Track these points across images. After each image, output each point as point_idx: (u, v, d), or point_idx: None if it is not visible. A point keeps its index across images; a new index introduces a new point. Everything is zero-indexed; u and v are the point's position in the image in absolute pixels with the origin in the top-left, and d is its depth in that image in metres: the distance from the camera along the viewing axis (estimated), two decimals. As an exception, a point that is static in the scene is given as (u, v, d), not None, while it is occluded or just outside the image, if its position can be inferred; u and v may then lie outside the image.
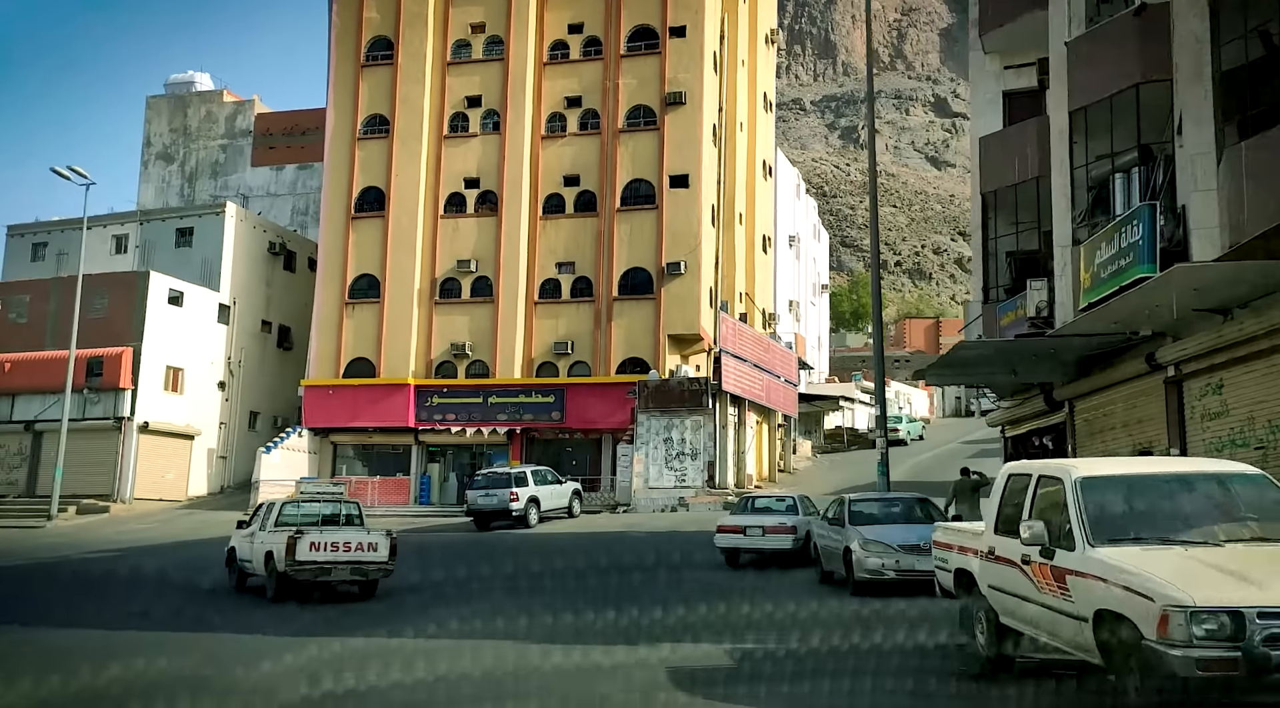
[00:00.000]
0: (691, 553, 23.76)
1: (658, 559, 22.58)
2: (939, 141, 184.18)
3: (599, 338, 41.34)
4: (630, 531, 29.77)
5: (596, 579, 18.74)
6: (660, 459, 35.35)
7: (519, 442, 41.31)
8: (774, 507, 23.29)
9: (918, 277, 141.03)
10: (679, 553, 23.93)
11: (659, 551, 24.50)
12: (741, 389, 36.17)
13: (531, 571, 19.89)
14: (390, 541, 16.55)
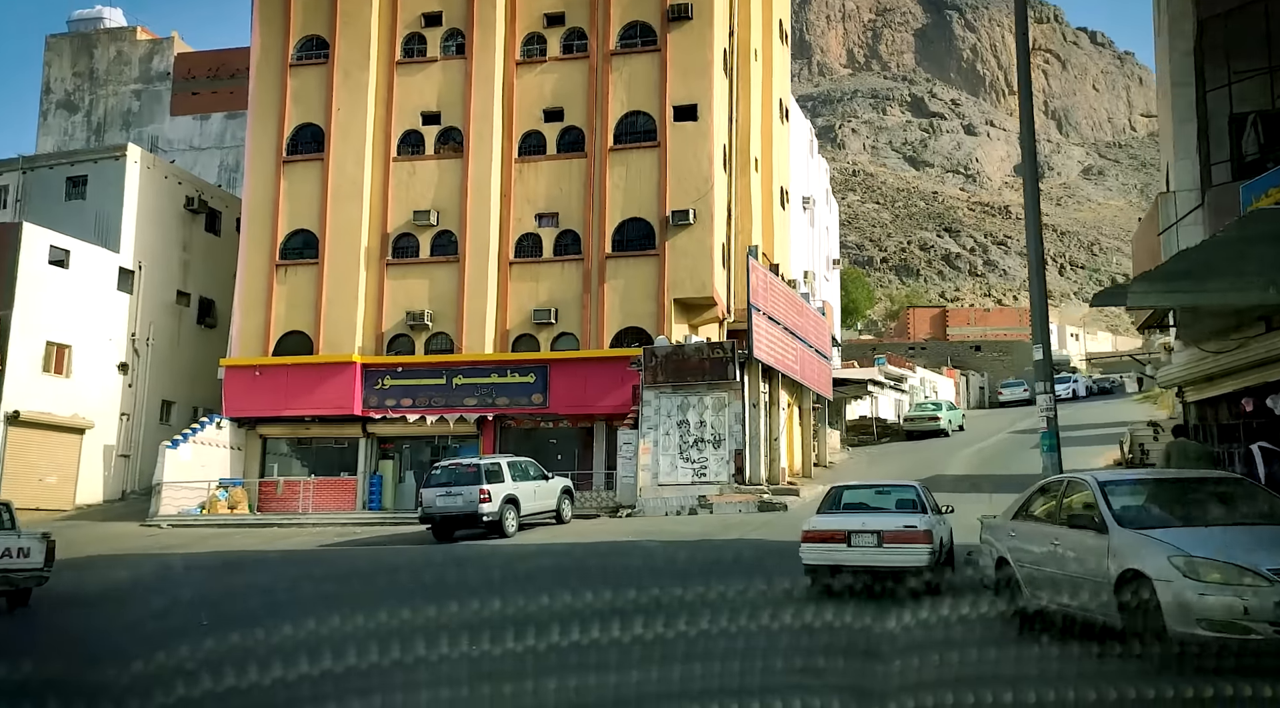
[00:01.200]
0: (747, 571, 15.67)
1: (703, 586, 14.34)
2: (916, 141, 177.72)
3: (589, 304, 32.92)
4: (642, 539, 21.44)
5: (621, 636, 10.31)
6: (673, 448, 26.95)
7: (491, 431, 32.74)
8: (881, 502, 15.15)
9: (905, 273, 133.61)
10: (729, 573, 15.80)
11: (695, 571, 16.27)
12: (774, 359, 27.88)
13: (510, 616, 11.39)
14: (46, 544, 14.82)
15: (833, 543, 13.52)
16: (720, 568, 16.48)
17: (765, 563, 16.89)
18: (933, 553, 13.05)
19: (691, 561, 17.75)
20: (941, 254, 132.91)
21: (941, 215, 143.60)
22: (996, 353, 59.98)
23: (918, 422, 40.23)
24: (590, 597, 13.36)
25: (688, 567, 16.76)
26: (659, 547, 20.20)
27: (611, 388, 31.22)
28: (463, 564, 18.96)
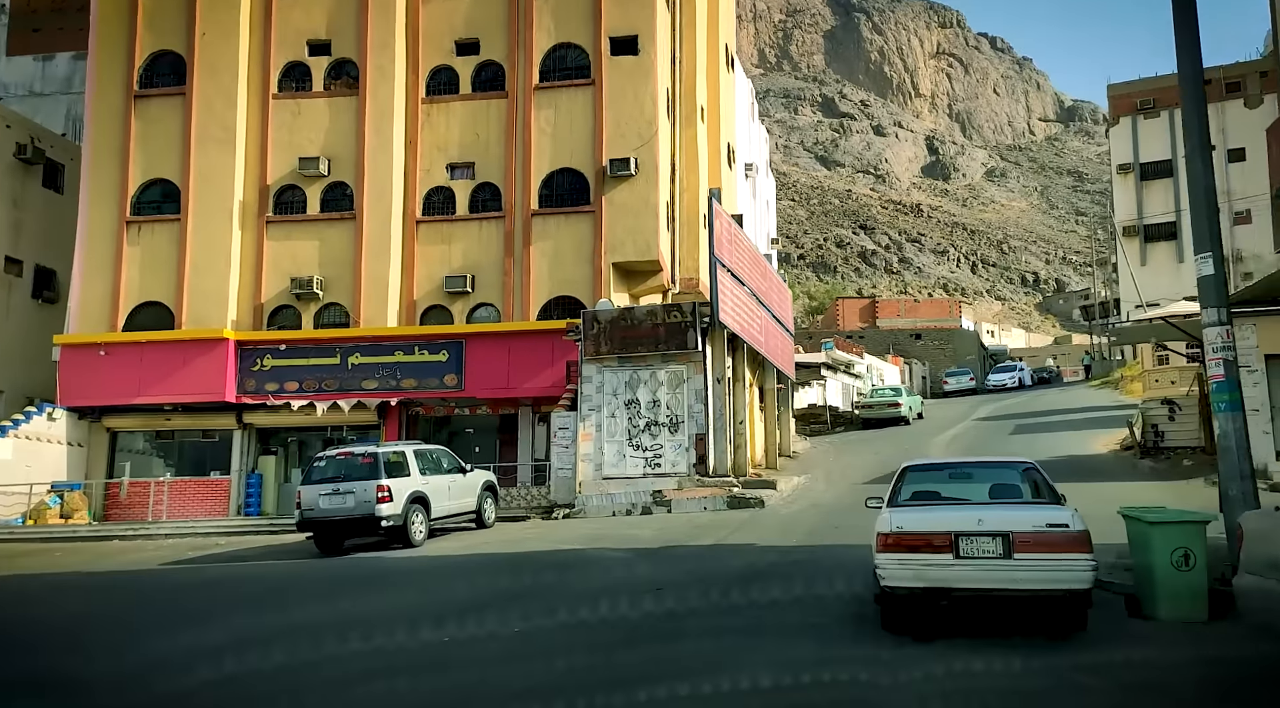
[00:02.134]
0: (766, 599, 10.70)
1: (712, 637, 9.23)
2: (828, 141, 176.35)
3: (512, 270, 27.41)
4: (592, 548, 16.14)
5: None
6: (620, 433, 21.64)
7: (396, 420, 26.92)
8: (973, 490, 10.21)
9: (822, 270, 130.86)
10: (740, 602, 10.75)
11: (689, 598, 11.11)
12: (740, 326, 22.77)
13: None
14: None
15: (931, 553, 8.44)
16: (720, 590, 11.25)
17: (783, 584, 11.71)
18: (1095, 569, 8.14)
19: (673, 580, 12.49)
20: (858, 251, 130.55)
21: (856, 213, 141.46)
22: (937, 341, 56.32)
23: (876, 408, 35.70)
24: (559, 663, 8.08)
25: (674, 592, 11.50)
26: (620, 559, 14.87)
27: (540, 366, 25.78)
28: (350, 590, 13.33)
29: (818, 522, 17.76)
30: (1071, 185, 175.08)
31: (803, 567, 13.13)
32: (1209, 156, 10.57)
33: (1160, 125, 50.17)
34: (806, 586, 11.42)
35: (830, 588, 11.31)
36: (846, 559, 13.76)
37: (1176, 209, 49.33)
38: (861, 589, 11.12)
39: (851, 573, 12.41)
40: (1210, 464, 22.64)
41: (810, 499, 20.86)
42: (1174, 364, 33.99)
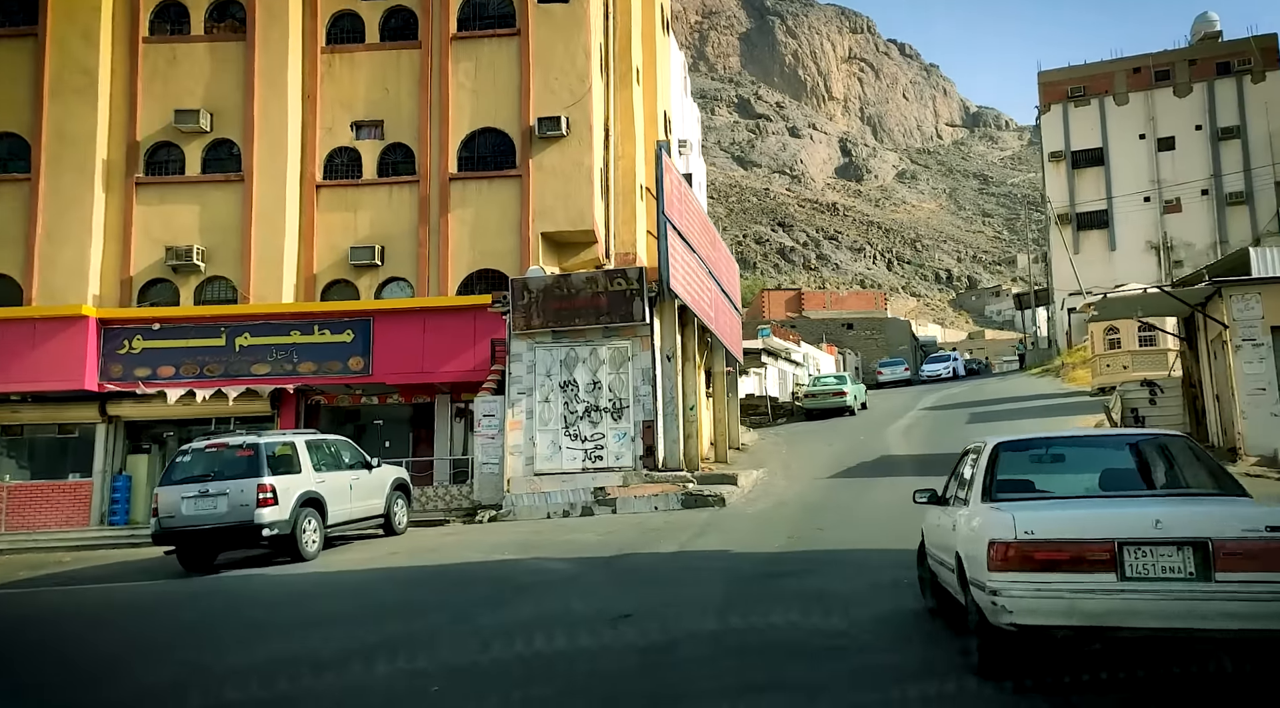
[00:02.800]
0: (775, 624, 7.50)
1: (729, 688, 6.00)
2: (744, 142, 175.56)
3: (428, 240, 23.91)
4: (529, 558, 12.89)
5: None
6: (555, 420, 18.33)
7: (293, 410, 23.10)
8: (1087, 474, 7.06)
9: (742, 266, 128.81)
10: (747, 638, 7.46)
11: (677, 633, 7.80)
12: (691, 298, 19.66)
13: None
14: None
15: (1084, 572, 5.38)
16: (711, 619, 8.15)
17: (791, 607, 8.61)
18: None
19: (642, 604, 9.34)
20: (776, 248, 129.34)
21: (774, 211, 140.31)
22: (869, 331, 54.23)
23: (820, 398, 33.02)
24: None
25: (647, 622, 8.36)
26: (564, 573, 11.65)
27: (460, 348, 22.29)
28: (214, 626, 9.78)
29: (795, 522, 14.77)
30: (978, 188, 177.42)
31: (804, 581, 10.08)
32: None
33: (1091, 113, 48.87)
34: (823, 609, 8.35)
35: (863, 610, 8.29)
36: (855, 568, 10.76)
37: (1108, 196, 48.07)
38: (908, 613, 8.12)
39: (876, 588, 9.42)
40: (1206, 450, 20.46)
41: (775, 496, 17.89)
42: (1126, 349, 32.13)
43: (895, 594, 8.86)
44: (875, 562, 11.23)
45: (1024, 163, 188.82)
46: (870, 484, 18.59)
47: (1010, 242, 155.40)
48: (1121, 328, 32.08)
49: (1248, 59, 46.36)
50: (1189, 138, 47.27)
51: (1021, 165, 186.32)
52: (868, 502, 16.45)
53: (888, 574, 10.12)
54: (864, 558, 11.59)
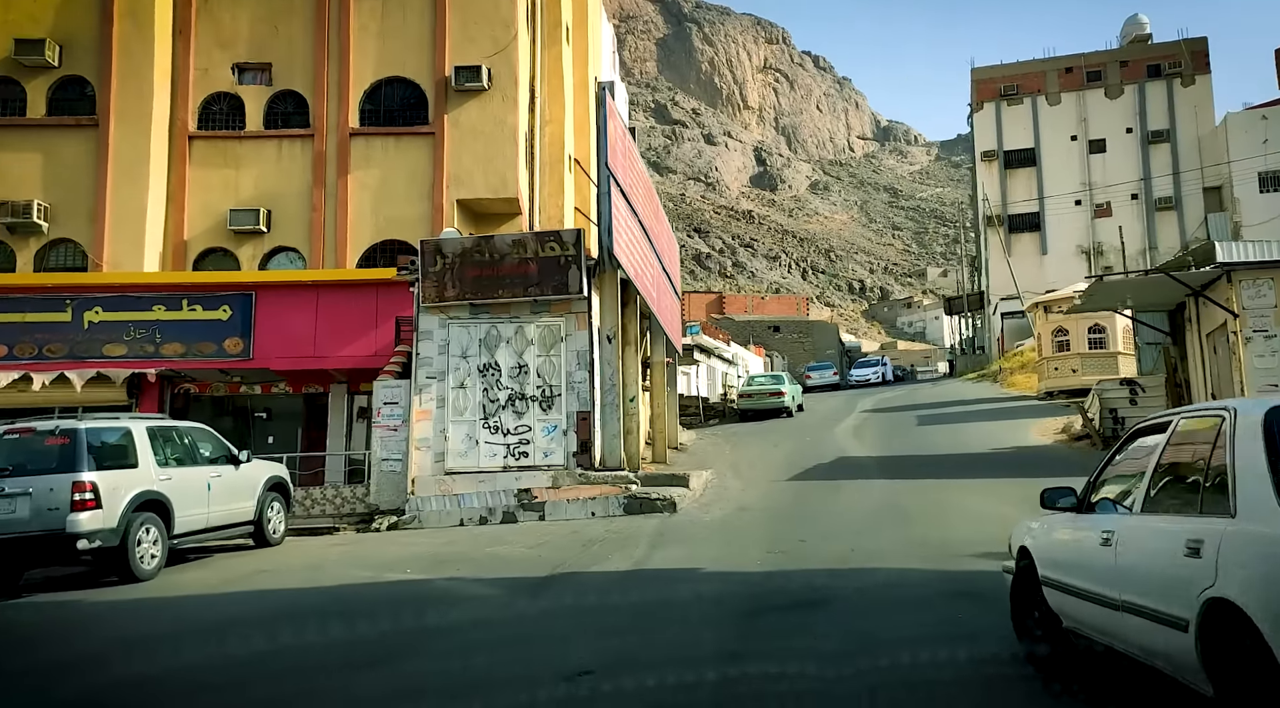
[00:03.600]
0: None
1: None
2: (660, 147, 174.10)
3: (324, 204, 20.60)
4: (441, 580, 9.87)
5: None
6: (473, 409, 15.29)
7: (156, 398, 19.43)
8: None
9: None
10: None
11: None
12: (634, 270, 16.81)
13: None
14: None
15: None
16: (719, 679, 5.33)
17: (845, 665, 5.80)
18: None
19: (604, 653, 6.47)
20: (693, 253, 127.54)
21: (690, 217, 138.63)
22: (796, 334, 52.27)
23: (756, 398, 30.55)
24: None
25: (618, 680, 5.47)
26: (489, 601, 8.71)
27: (359, 329, 19.02)
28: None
29: (768, 532, 12.07)
30: (888, 201, 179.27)
31: (820, 617, 7.34)
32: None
33: (1023, 112, 47.85)
34: (878, 664, 5.64)
35: (939, 664, 5.60)
36: (876, 595, 8.11)
37: (1040, 198, 47.05)
38: (1012, 678, 5.46)
39: (929, 626, 6.76)
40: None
41: (732, 501, 15.18)
42: (1075, 351, 30.51)
43: (970, 642, 6.18)
44: (896, 585, 8.60)
45: (932, 178, 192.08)
46: (837, 488, 16.07)
47: (919, 255, 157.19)
48: (1071, 329, 30.46)
49: (1178, 62, 45.89)
50: (1120, 140, 46.57)
51: (930, 180, 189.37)
52: (842, 508, 13.89)
53: (930, 607, 7.51)
54: (877, 580, 8.95)
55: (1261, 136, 42.27)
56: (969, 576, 8.86)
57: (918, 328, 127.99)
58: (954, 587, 8.34)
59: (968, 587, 8.28)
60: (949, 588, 8.30)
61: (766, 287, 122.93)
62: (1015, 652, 5.74)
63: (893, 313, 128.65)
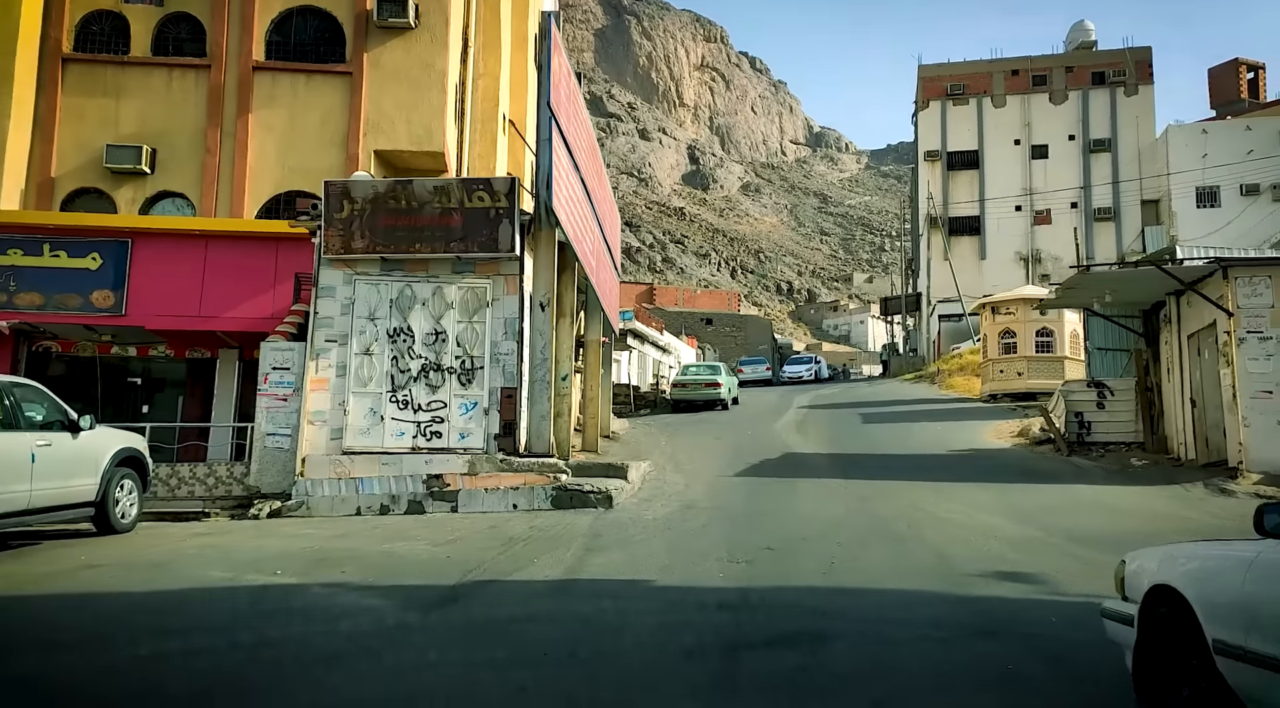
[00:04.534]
0: None
1: None
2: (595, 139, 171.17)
3: (220, 146, 18.00)
4: (317, 586, 7.57)
5: None
6: (379, 380, 13.01)
7: (9, 357, 16.68)
8: None
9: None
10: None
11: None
12: (574, 232, 14.67)
13: None
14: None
15: None
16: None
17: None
18: None
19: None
20: (623, 247, 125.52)
21: (622, 210, 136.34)
22: (730, 328, 50.65)
23: (691, 389, 28.68)
24: None
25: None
26: (370, 617, 6.52)
27: (255, 288, 16.52)
28: None
29: (724, 535, 10.12)
30: (817, 206, 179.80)
31: (827, 660, 5.37)
32: None
33: (968, 113, 46.97)
34: None
35: None
36: (889, 634, 6.16)
37: (980, 201, 46.20)
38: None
39: (1000, 688, 4.79)
40: (1170, 463, 17.26)
41: (676, 497, 13.18)
42: (1022, 354, 29.32)
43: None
44: (906, 616, 6.67)
45: (861, 186, 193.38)
46: (790, 486, 14.24)
47: (846, 261, 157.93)
48: (1018, 332, 29.28)
49: (1122, 70, 45.45)
50: (1062, 147, 45.98)
51: (859, 188, 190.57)
52: (805, 510, 12.03)
53: (961, 648, 5.64)
54: (878, 606, 7.06)
55: (1201, 151, 41.96)
56: (987, 604, 7.04)
57: (843, 331, 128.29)
58: (978, 621, 6.48)
59: (994, 622, 6.46)
60: (973, 622, 6.43)
61: (697, 283, 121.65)
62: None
63: (819, 315, 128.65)
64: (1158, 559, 4.22)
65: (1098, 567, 8.69)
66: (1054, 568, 8.49)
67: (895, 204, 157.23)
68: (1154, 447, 17.67)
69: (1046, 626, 6.42)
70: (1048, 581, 7.98)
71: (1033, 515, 11.78)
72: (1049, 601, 7.23)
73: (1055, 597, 7.37)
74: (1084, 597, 7.44)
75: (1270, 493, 13.53)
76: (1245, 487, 13.73)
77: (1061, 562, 8.82)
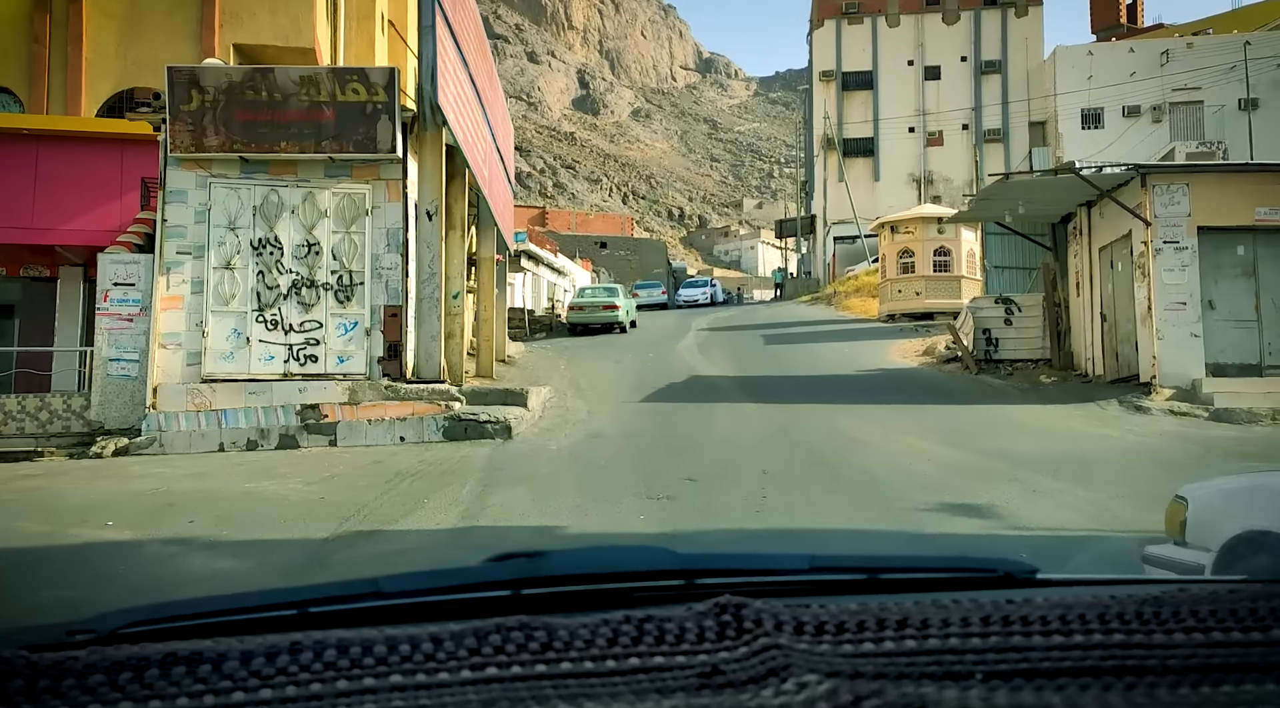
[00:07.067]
0: None
1: None
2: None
3: (50, 36, 15.52)
4: (153, 544, 6.08)
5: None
6: (243, 298, 11.31)
7: None
8: None
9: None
10: None
11: None
12: (464, 135, 13.03)
13: None
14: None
15: None
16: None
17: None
18: None
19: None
20: (513, 172, 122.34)
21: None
22: (624, 251, 49.27)
23: (588, 311, 27.36)
24: None
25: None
26: (225, 577, 5.11)
27: (98, 196, 14.41)
28: None
29: (638, 467, 9.02)
30: (708, 133, 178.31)
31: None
32: None
33: (863, 33, 46.02)
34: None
35: None
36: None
37: (874, 122, 45.62)
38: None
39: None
40: (1079, 379, 16.89)
41: (580, 425, 11.98)
42: (919, 274, 28.95)
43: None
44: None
45: (750, 113, 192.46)
46: (701, 411, 13.20)
47: (736, 187, 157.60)
48: (916, 251, 28.85)
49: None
50: (954, 69, 45.60)
51: (748, 114, 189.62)
52: (721, 436, 11.02)
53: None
54: (826, 548, 6.03)
55: (1086, 73, 42.07)
56: (949, 543, 6.13)
57: (734, 257, 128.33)
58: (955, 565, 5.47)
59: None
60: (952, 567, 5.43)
61: (589, 208, 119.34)
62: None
63: (710, 241, 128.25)
64: (1243, 499, 3.20)
65: (1046, 494, 7.92)
66: (1001, 497, 7.66)
67: (784, 131, 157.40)
68: (1061, 363, 17.31)
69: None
70: (1001, 512, 7.11)
71: (956, 437, 11.05)
72: (1014, 537, 6.34)
73: (1019, 531, 6.48)
74: (1047, 530, 6.61)
75: (1184, 408, 13.18)
76: (1159, 403, 13.33)
77: (1007, 489, 8.00)
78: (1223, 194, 14.17)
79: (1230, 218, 14.03)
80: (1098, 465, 9.49)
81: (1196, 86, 41.11)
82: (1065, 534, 6.39)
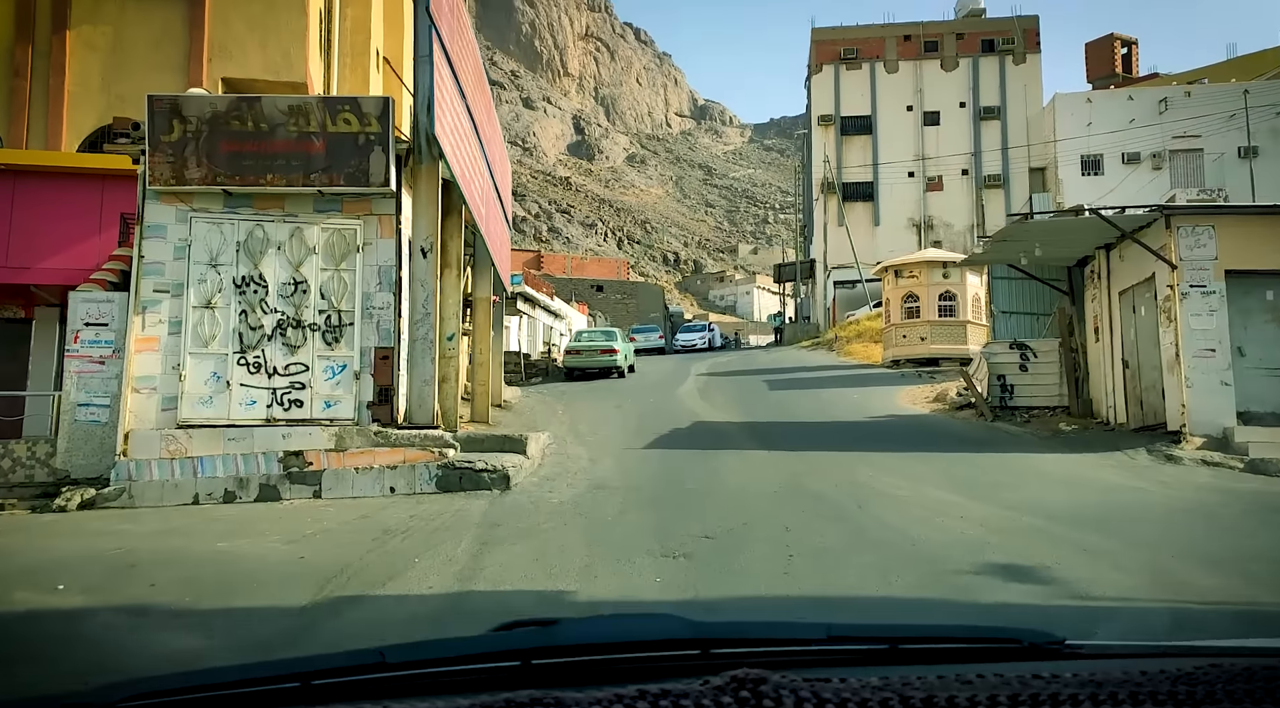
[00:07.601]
0: None
1: None
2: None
3: (32, 67, 15.06)
4: (107, 612, 5.28)
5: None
6: (225, 338, 10.66)
7: None
8: None
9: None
10: None
11: None
12: (460, 169, 12.50)
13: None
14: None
15: None
16: None
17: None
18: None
19: None
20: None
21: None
22: (620, 295, 48.79)
23: (586, 355, 26.77)
24: None
25: None
26: (189, 663, 4.36)
27: (78, 234, 13.83)
28: None
29: (647, 523, 8.31)
30: (703, 178, 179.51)
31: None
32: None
33: (862, 78, 46.10)
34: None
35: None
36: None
37: (874, 166, 45.50)
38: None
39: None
40: (1100, 427, 16.25)
41: (582, 474, 11.28)
42: (925, 319, 28.43)
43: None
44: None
45: (745, 159, 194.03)
46: (709, 459, 12.52)
47: (731, 232, 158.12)
48: (922, 296, 28.37)
49: (1011, 39, 45.29)
50: (953, 114, 45.63)
51: (742, 161, 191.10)
52: (733, 487, 10.33)
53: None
54: (873, 619, 5.35)
55: (1086, 119, 42.08)
56: (1009, 614, 5.41)
57: (729, 302, 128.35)
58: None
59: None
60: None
61: (584, 252, 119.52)
62: None
63: (705, 286, 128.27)
64: None
65: (1098, 554, 7.24)
66: (1052, 557, 6.95)
67: (779, 177, 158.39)
68: (1079, 410, 16.69)
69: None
70: (1056, 576, 6.41)
71: (984, 489, 10.37)
72: (1082, 608, 5.64)
73: (1084, 602, 5.77)
74: (1120, 601, 5.93)
75: (1217, 458, 12.54)
76: (1190, 452, 12.71)
77: (1056, 549, 7.30)
78: (1249, 236, 13.67)
79: (1258, 261, 13.52)
80: (1142, 521, 8.83)
81: (1196, 134, 41.07)
82: (1138, 604, 5.70)
